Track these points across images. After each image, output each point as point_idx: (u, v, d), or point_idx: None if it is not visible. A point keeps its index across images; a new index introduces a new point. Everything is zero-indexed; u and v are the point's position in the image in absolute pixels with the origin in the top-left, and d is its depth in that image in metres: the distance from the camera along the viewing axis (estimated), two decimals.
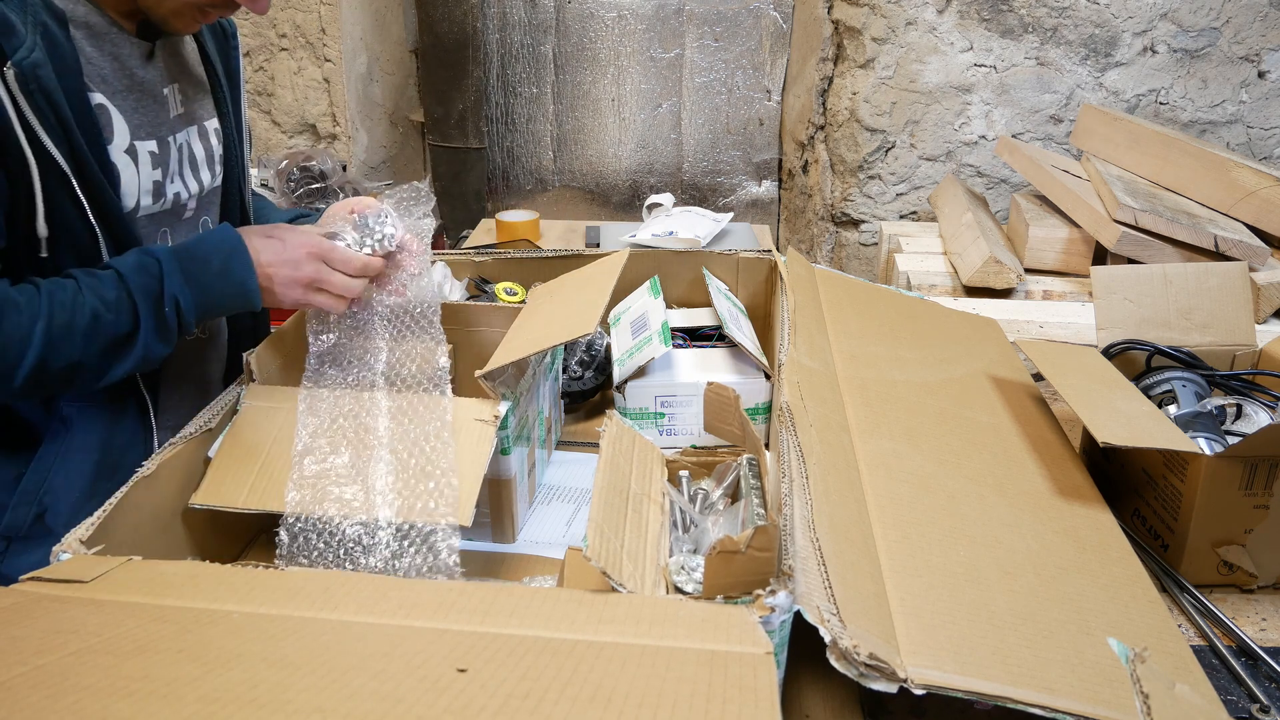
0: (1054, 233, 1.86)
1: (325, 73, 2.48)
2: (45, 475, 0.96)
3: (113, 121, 0.94)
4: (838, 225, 2.53)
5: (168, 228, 1.03)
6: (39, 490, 0.96)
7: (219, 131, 1.12)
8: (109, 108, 0.94)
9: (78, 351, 0.86)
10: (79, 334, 0.86)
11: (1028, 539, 0.80)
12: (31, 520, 0.96)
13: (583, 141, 2.78)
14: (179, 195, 1.04)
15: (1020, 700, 0.61)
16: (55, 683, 0.53)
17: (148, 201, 0.99)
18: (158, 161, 1.00)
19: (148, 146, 0.98)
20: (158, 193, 1.00)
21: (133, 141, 0.97)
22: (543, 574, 0.92)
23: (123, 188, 0.96)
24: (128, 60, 0.96)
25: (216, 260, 0.91)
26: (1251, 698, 0.75)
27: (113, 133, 0.94)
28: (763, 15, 2.61)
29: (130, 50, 0.97)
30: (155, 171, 1.00)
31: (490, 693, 0.52)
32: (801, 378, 0.94)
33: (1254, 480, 0.84)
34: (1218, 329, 1.15)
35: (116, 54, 0.95)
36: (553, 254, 1.35)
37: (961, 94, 2.35)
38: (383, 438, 0.90)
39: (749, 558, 0.63)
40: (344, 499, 0.84)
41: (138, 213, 0.98)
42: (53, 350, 0.85)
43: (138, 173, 0.97)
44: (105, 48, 0.94)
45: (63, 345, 0.86)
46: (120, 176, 0.95)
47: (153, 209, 1.00)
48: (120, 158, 0.95)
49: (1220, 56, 2.26)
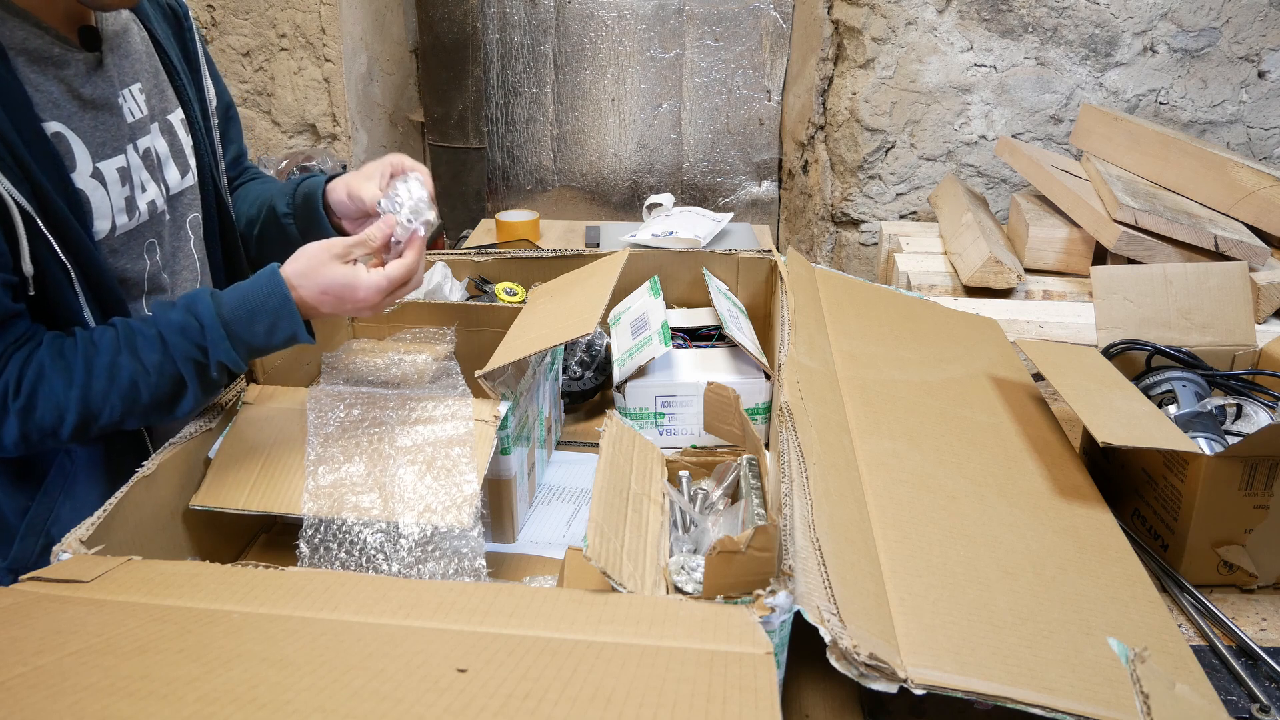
0: (1054, 233, 1.86)
1: (325, 73, 2.48)
2: (51, 507, 0.96)
3: (72, 149, 0.91)
4: (838, 225, 2.53)
5: (154, 238, 1.01)
6: (46, 522, 0.95)
7: (184, 121, 1.07)
8: (66, 135, 0.90)
9: (118, 414, 0.87)
10: (119, 398, 0.86)
11: (1028, 539, 0.80)
12: (39, 551, 0.95)
13: (583, 141, 2.78)
14: (153, 203, 1.01)
15: (1020, 700, 0.61)
16: (55, 683, 0.53)
17: (124, 220, 0.96)
18: (124, 177, 0.96)
19: (114, 164, 0.95)
20: (130, 208, 0.97)
21: (95, 164, 0.93)
22: (543, 574, 0.92)
23: (95, 212, 0.92)
24: (74, 80, 0.92)
25: (263, 321, 0.89)
26: (1251, 698, 0.75)
27: (74, 160, 0.91)
28: (763, 15, 2.60)
29: (77, 69, 0.92)
30: (124, 188, 0.96)
31: (490, 693, 0.52)
32: (801, 378, 0.94)
33: (1254, 480, 0.84)
34: (1218, 329, 1.15)
35: (62, 76, 0.91)
36: (553, 254, 1.35)
37: (961, 94, 2.35)
38: (398, 442, 0.89)
39: (749, 558, 0.63)
40: (361, 506, 0.84)
41: (115, 233, 0.95)
42: (89, 414, 0.86)
43: (108, 194, 0.94)
44: (50, 72, 0.89)
45: (102, 408, 0.86)
46: (90, 202, 0.92)
47: (129, 226, 0.97)
48: (87, 183, 0.92)
49: (1220, 56, 2.26)
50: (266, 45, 2.46)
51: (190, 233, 1.07)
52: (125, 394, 0.87)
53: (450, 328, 1.14)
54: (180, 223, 1.06)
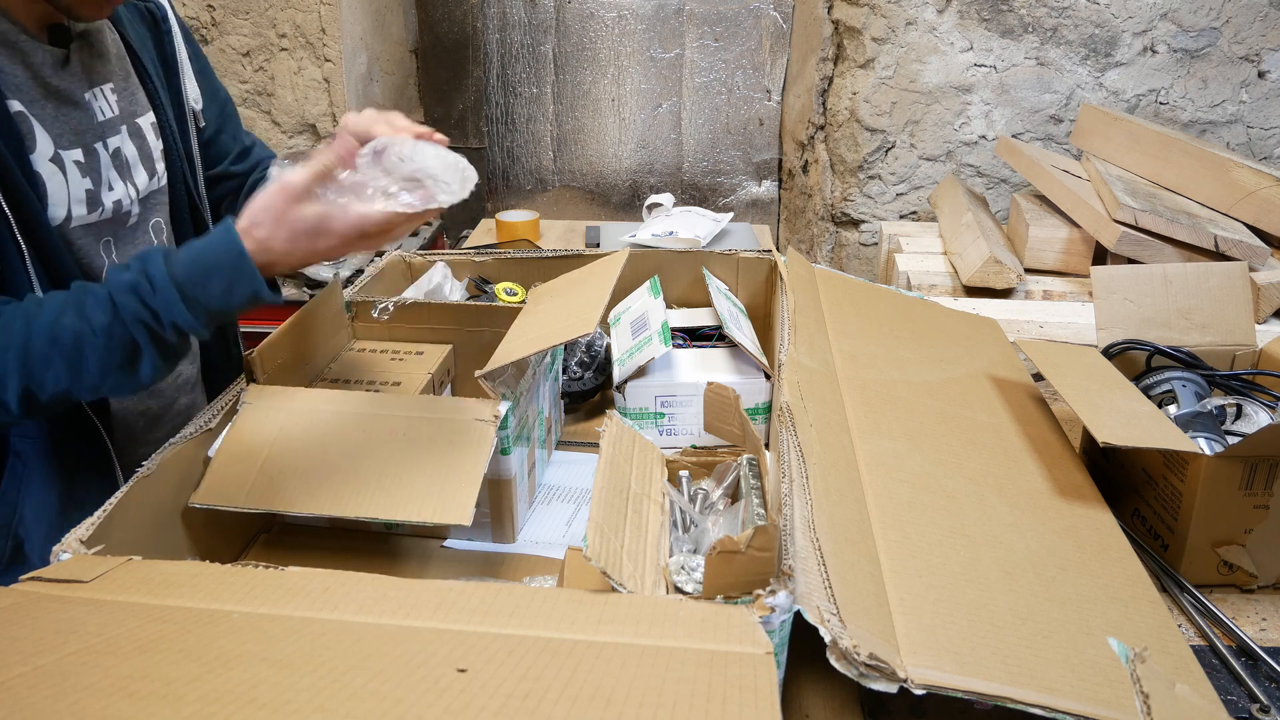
0: (1054, 233, 1.86)
1: (325, 73, 2.48)
2: (14, 509, 0.94)
3: (34, 130, 0.89)
4: (838, 225, 2.53)
5: (110, 236, 0.99)
6: (11, 523, 0.94)
7: (155, 125, 1.06)
8: (28, 116, 0.89)
9: (63, 380, 0.81)
10: (61, 361, 0.80)
11: (1028, 539, 0.80)
12: (11, 551, 0.95)
13: (583, 141, 2.78)
14: (120, 202, 0.99)
15: (1020, 700, 0.61)
16: (55, 683, 0.53)
17: (81, 211, 0.94)
18: (86, 170, 0.94)
19: (73, 155, 0.93)
20: (92, 202, 0.95)
21: (57, 150, 0.91)
22: (543, 574, 0.92)
23: (50, 197, 0.90)
24: (40, 68, 0.91)
25: (218, 281, 0.81)
26: (1251, 698, 0.75)
27: (35, 142, 0.89)
28: (763, 15, 2.61)
29: (43, 58, 0.91)
30: (85, 180, 0.94)
31: (490, 693, 0.52)
32: (801, 378, 0.94)
33: (1254, 480, 0.84)
34: (1218, 329, 1.15)
35: (28, 62, 0.90)
36: (553, 254, 1.35)
37: (961, 94, 2.35)
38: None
39: (749, 558, 0.63)
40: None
41: (70, 223, 0.93)
42: (31, 379, 0.80)
43: (66, 181, 0.92)
44: (16, 56, 0.89)
45: (43, 374, 0.80)
46: (47, 185, 0.90)
47: (89, 219, 0.95)
48: (45, 166, 0.90)
49: (1220, 56, 2.26)
50: (266, 45, 2.46)
51: (153, 236, 1.05)
52: (69, 357, 0.80)
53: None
54: (144, 225, 1.04)
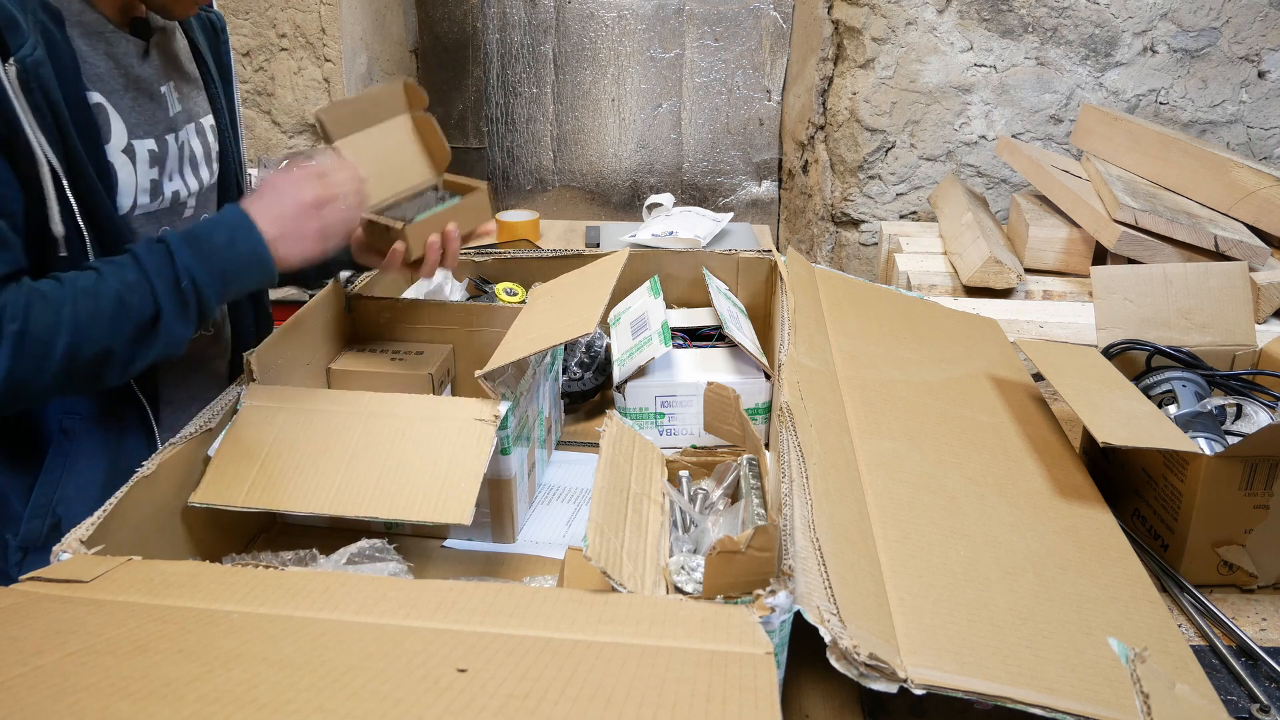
0: (1054, 233, 1.86)
1: (325, 73, 2.48)
2: (55, 486, 0.96)
3: (110, 121, 0.94)
4: (838, 225, 2.53)
5: (168, 225, 1.03)
6: (52, 501, 0.96)
7: (214, 128, 1.12)
8: (106, 107, 0.94)
9: (105, 335, 0.85)
10: (106, 317, 0.84)
11: (1028, 539, 0.80)
12: (47, 531, 0.96)
13: (583, 141, 2.78)
14: (178, 193, 1.04)
15: (1020, 700, 0.61)
16: (55, 683, 0.53)
17: (145, 200, 0.99)
18: (155, 160, 1.00)
19: (146, 145, 0.98)
20: (155, 191, 1.00)
21: (130, 141, 0.96)
22: (543, 574, 0.92)
23: (120, 187, 0.95)
24: (124, 58, 0.96)
25: (221, 233, 0.90)
26: (1251, 698, 0.75)
27: (110, 132, 0.94)
28: (763, 15, 2.60)
29: (126, 48, 0.97)
30: (153, 170, 0.99)
31: (490, 693, 0.52)
32: (801, 378, 0.94)
33: (1254, 480, 0.84)
34: (1218, 329, 1.15)
35: (112, 52, 0.95)
36: (553, 254, 1.35)
37: (961, 94, 2.35)
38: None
39: (749, 558, 0.63)
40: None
41: (134, 211, 0.98)
42: (81, 336, 0.83)
43: (135, 171, 0.97)
44: (100, 46, 0.94)
45: (91, 330, 0.84)
46: (117, 176, 0.95)
47: (150, 207, 1.00)
48: (117, 157, 0.95)
49: (1220, 56, 2.26)
50: (266, 45, 2.46)
51: None
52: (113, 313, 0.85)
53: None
54: (195, 219, 1.09)
